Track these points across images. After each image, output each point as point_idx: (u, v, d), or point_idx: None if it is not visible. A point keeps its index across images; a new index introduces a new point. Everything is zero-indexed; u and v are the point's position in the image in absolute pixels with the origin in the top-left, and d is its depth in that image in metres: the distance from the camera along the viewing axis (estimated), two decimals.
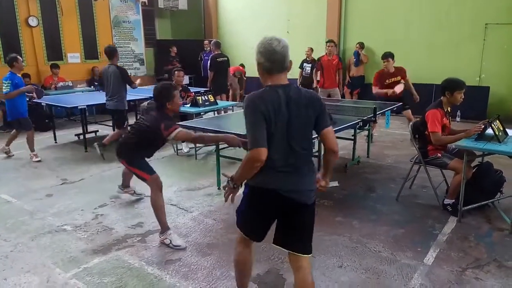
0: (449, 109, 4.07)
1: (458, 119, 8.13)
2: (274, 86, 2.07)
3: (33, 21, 8.96)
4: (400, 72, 6.44)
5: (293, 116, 2.04)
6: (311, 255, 2.24)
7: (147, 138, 3.49)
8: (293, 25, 11.01)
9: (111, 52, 5.90)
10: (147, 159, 3.68)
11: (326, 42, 7.57)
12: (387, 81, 6.45)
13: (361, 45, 9.45)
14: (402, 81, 6.31)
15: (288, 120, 2.04)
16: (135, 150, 3.56)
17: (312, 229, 2.26)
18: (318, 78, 7.81)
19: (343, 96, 9.49)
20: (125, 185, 4.38)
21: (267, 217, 2.24)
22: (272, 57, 2.04)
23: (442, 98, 4.02)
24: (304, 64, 8.87)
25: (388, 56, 6.39)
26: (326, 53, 7.58)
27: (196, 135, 3.59)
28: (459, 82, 3.93)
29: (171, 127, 3.29)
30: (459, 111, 8.11)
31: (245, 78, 11.01)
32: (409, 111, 6.37)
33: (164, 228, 3.49)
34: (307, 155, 2.18)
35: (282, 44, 2.05)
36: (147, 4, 11.34)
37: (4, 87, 5.71)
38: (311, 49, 8.93)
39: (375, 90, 6.46)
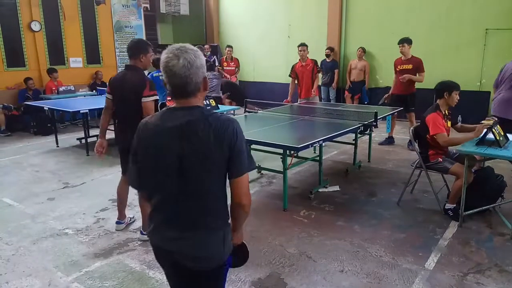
0: (446, 111, 4.08)
1: (459, 124, 8.13)
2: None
3: (35, 26, 9.01)
4: (414, 62, 6.50)
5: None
6: None
7: (138, 109, 3.29)
8: (294, 30, 11.06)
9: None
10: None
11: (298, 46, 6.68)
12: (399, 67, 6.58)
13: (363, 50, 9.46)
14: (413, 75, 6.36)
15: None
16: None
17: None
18: (293, 88, 7.01)
19: (343, 100, 9.52)
20: (123, 216, 3.86)
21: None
22: (170, 79, 1.57)
23: (438, 101, 4.04)
24: None
25: (403, 41, 6.52)
26: (299, 59, 6.75)
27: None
28: (455, 83, 4.03)
29: (153, 91, 3.32)
30: (460, 116, 8.10)
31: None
32: (413, 114, 6.35)
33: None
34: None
35: (182, 62, 1.53)
36: (149, 9, 11.41)
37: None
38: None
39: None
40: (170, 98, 6.35)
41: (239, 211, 1.66)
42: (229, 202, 1.68)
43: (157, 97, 3.43)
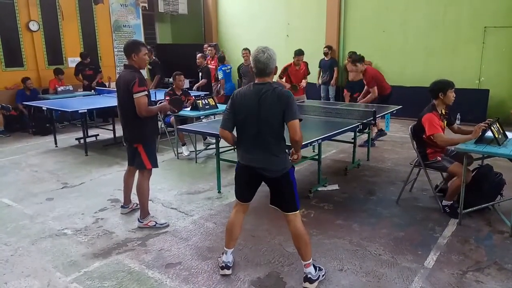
0: (443, 111, 4.06)
1: (458, 122, 8.13)
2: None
3: (33, 26, 8.99)
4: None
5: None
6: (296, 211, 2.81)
7: (133, 106, 3.49)
8: (293, 29, 11.06)
9: None
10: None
11: (295, 55, 6.86)
12: None
13: (350, 56, 9.36)
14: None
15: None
16: (142, 126, 3.61)
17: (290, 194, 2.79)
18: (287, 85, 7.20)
19: (342, 99, 9.51)
20: (127, 202, 4.18)
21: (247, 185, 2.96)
22: (256, 64, 2.67)
23: (434, 101, 4.01)
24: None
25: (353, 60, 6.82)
26: (293, 63, 6.88)
27: (150, 109, 3.58)
28: (449, 81, 3.96)
29: (142, 87, 3.45)
30: (458, 114, 8.12)
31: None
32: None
33: (146, 213, 3.81)
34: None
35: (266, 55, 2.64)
36: (147, 8, 11.38)
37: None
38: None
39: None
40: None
41: (294, 143, 2.70)
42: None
43: (147, 93, 3.52)
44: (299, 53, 6.84)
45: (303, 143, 3.79)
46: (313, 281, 2.81)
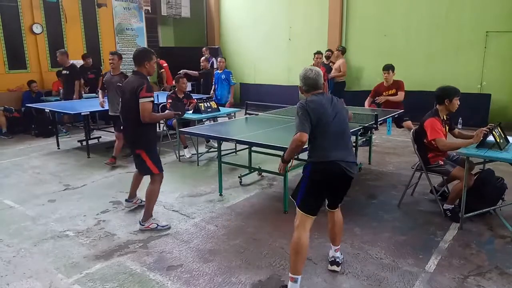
0: (445, 117, 4.07)
1: (460, 126, 8.13)
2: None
3: (37, 29, 9.04)
4: (396, 85, 6.44)
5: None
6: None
7: (136, 112, 3.56)
8: (295, 32, 11.09)
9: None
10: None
11: (314, 54, 7.03)
12: (384, 93, 6.46)
13: (338, 49, 9.33)
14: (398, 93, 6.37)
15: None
16: (144, 132, 3.68)
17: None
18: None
19: None
20: (131, 196, 4.32)
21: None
22: (307, 81, 2.97)
23: (437, 106, 4.03)
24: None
25: (388, 68, 6.41)
26: (313, 64, 7.09)
27: (154, 116, 3.66)
28: (455, 88, 3.99)
29: (150, 93, 3.55)
30: (460, 118, 8.13)
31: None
32: (409, 122, 6.38)
33: (149, 216, 3.86)
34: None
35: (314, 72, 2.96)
36: (150, 11, 11.44)
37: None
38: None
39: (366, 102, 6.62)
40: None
41: None
42: None
43: (153, 99, 3.60)
44: (318, 51, 7.06)
45: (304, 147, 3.83)
46: (340, 264, 3.10)
